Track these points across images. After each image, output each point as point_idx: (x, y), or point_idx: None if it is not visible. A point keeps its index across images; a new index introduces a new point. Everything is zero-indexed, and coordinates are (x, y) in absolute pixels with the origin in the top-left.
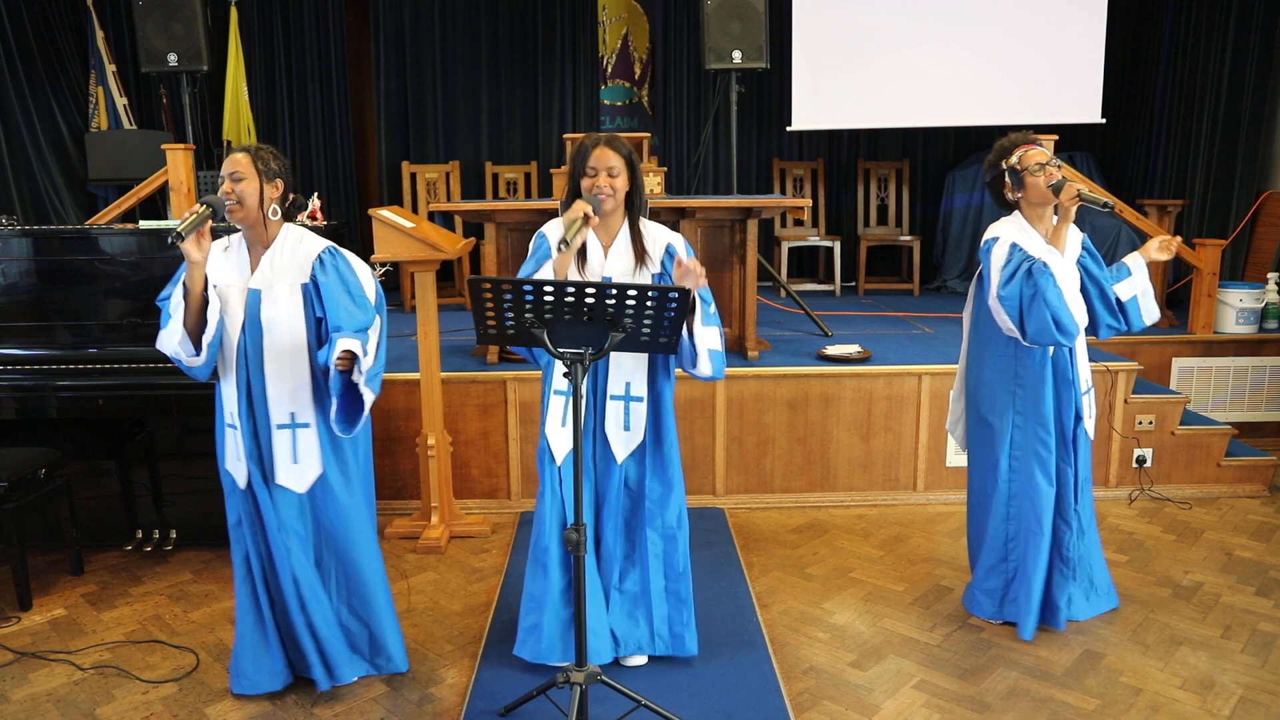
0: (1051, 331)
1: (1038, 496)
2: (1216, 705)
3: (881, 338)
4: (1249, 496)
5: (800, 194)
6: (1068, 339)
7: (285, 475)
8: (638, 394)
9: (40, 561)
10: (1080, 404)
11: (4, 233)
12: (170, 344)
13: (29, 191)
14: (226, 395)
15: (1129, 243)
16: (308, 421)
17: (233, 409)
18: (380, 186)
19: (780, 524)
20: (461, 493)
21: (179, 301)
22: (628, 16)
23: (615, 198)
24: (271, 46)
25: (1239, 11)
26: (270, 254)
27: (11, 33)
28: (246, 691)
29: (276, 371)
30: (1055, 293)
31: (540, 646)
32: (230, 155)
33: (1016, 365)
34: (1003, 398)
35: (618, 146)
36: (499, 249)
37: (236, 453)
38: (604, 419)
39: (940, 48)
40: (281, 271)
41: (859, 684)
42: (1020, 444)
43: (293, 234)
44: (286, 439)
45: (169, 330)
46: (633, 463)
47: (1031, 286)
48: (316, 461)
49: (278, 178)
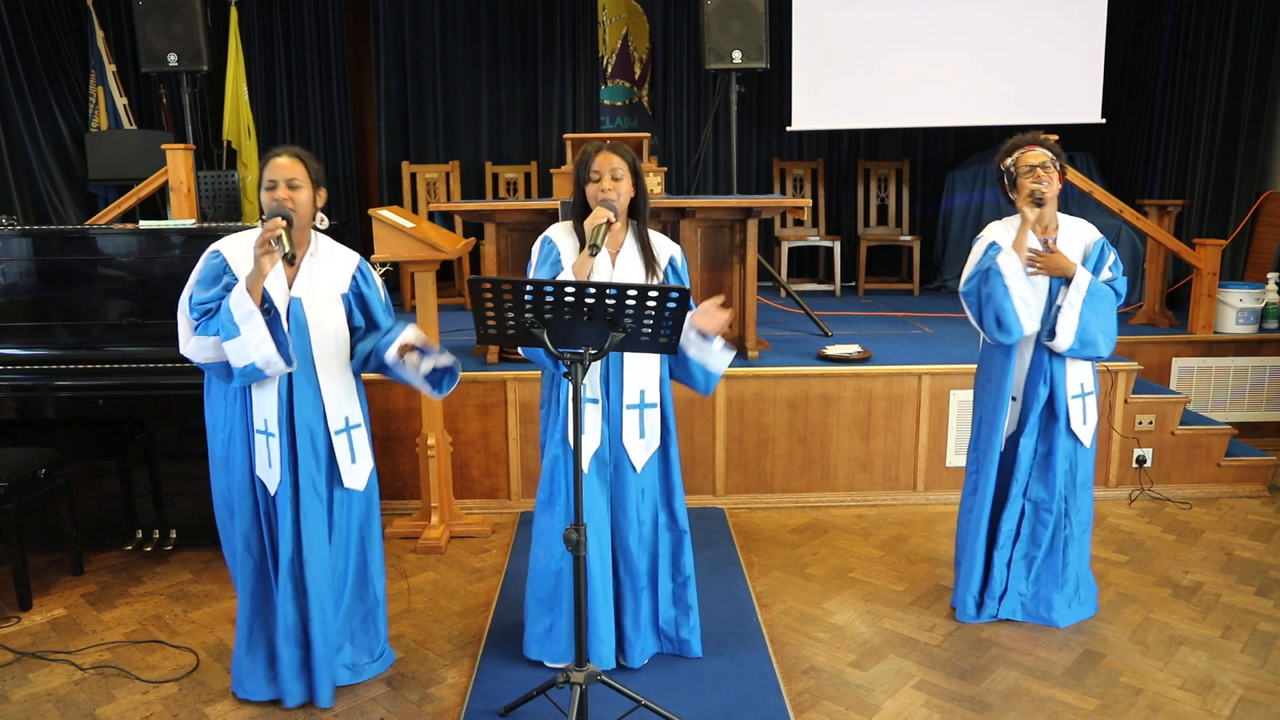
0: (993, 329)
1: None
2: (1216, 705)
3: (881, 338)
4: (1249, 496)
5: (800, 194)
6: (1007, 337)
7: (350, 477)
8: (651, 400)
9: (40, 561)
10: (1065, 407)
11: (4, 233)
12: (257, 354)
13: (29, 191)
14: (260, 402)
15: (1129, 243)
16: (359, 422)
17: (268, 415)
18: (380, 186)
19: (780, 524)
20: (461, 493)
21: (251, 309)
22: (628, 16)
23: (621, 202)
24: (271, 46)
25: (1239, 11)
26: (309, 262)
27: (11, 33)
28: (250, 698)
29: (329, 378)
30: (1002, 290)
31: (558, 648)
32: (276, 160)
33: (990, 361)
34: (978, 394)
35: (621, 152)
36: (499, 249)
37: (269, 459)
38: (620, 429)
39: (940, 48)
40: (321, 280)
41: (859, 684)
42: (985, 438)
43: (323, 242)
44: (344, 442)
45: (254, 341)
46: (648, 468)
47: (986, 284)
48: (369, 456)
49: (322, 185)
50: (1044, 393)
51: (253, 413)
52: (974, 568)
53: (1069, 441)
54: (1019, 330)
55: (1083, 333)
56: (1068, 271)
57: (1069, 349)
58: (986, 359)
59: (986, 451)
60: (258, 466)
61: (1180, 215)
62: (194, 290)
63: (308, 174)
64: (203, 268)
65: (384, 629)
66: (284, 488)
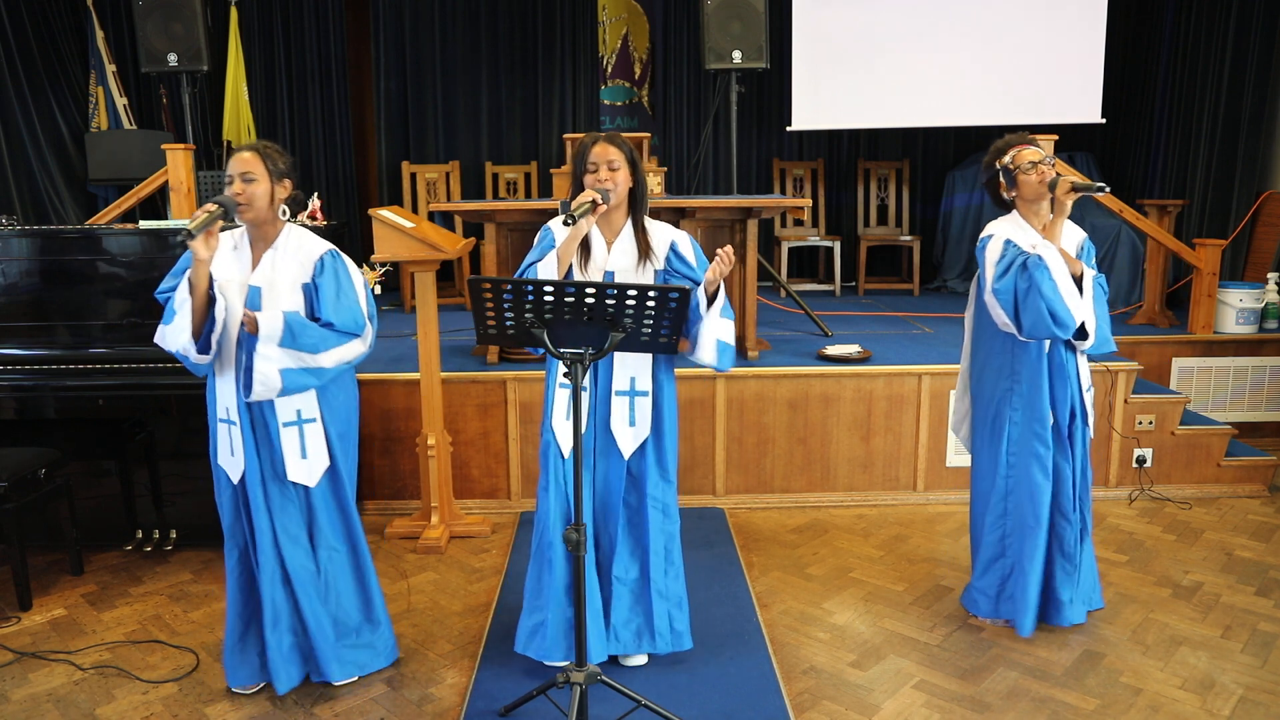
0: (1047, 324)
1: (1036, 491)
2: (1216, 705)
3: (881, 338)
4: (1249, 496)
5: (800, 194)
6: (1064, 331)
7: (296, 471)
8: (643, 389)
9: (40, 561)
10: (1081, 401)
11: (4, 233)
12: (176, 340)
13: (29, 191)
14: (222, 391)
15: (1129, 243)
16: (314, 416)
17: (229, 404)
18: (380, 186)
19: (780, 524)
20: (461, 493)
21: (184, 298)
22: (628, 16)
23: (618, 191)
24: (271, 46)
25: (1239, 11)
26: (272, 252)
27: (11, 33)
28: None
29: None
30: (1050, 285)
31: (545, 645)
32: (237, 154)
33: (1014, 361)
34: (1001, 394)
35: (618, 143)
36: (499, 249)
37: (230, 448)
38: (609, 415)
39: (940, 47)
40: (283, 270)
41: (859, 684)
42: (1018, 440)
43: (295, 234)
44: (294, 435)
45: (174, 326)
46: (636, 458)
47: (1026, 279)
48: (325, 454)
49: (286, 177)
50: (1074, 386)
51: (215, 401)
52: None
53: (1082, 436)
54: (1072, 321)
55: (1100, 330)
56: (1076, 270)
57: (1092, 346)
58: (1002, 355)
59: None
60: (220, 455)
61: (1180, 215)
62: (165, 280)
63: (265, 168)
64: (179, 262)
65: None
66: (251, 475)
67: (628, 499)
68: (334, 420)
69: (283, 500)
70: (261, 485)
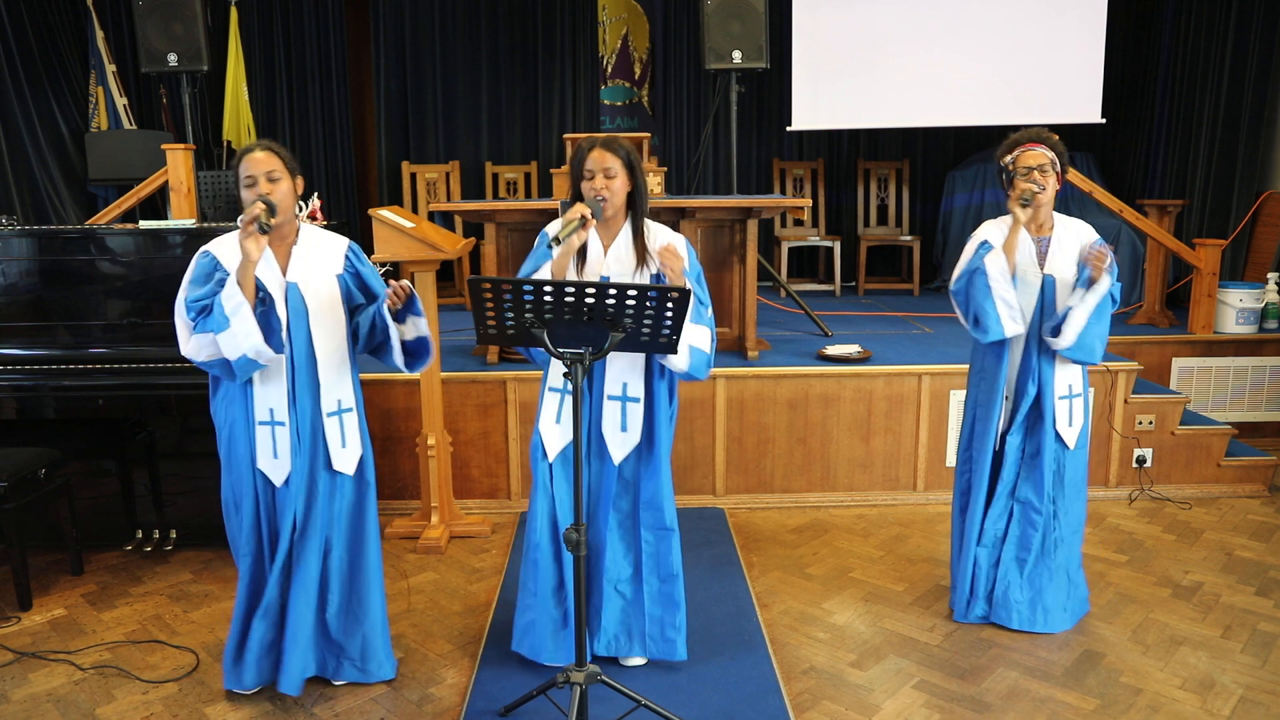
0: (974, 326)
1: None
2: (1216, 705)
3: (881, 338)
4: (1249, 496)
5: (800, 194)
6: (983, 336)
7: (339, 460)
8: (635, 394)
9: (40, 561)
10: (1051, 407)
11: (4, 233)
12: (243, 344)
13: (29, 191)
14: (263, 394)
15: (1129, 243)
16: (351, 406)
17: (275, 404)
18: (380, 186)
19: (780, 524)
20: (461, 493)
21: (240, 301)
22: (628, 16)
23: (614, 200)
24: (271, 46)
25: (1239, 11)
26: (299, 249)
27: (11, 33)
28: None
29: (327, 360)
30: (983, 292)
31: (534, 643)
32: (251, 155)
33: (982, 360)
34: (970, 391)
35: (615, 149)
36: (499, 249)
37: (274, 449)
38: (600, 419)
39: (940, 48)
40: (315, 264)
41: (859, 684)
42: (978, 435)
43: (308, 229)
44: (335, 425)
45: (243, 332)
46: (628, 463)
47: (964, 280)
48: (359, 442)
49: (298, 173)
50: (1032, 391)
51: (254, 405)
52: (965, 566)
53: (1056, 443)
54: (996, 331)
55: (1084, 336)
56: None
57: (1067, 349)
58: (979, 356)
59: (980, 449)
60: (260, 460)
61: (1180, 215)
62: (188, 290)
63: (284, 165)
64: (194, 268)
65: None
66: (297, 474)
67: (619, 504)
68: (360, 409)
69: (329, 494)
70: (308, 480)
